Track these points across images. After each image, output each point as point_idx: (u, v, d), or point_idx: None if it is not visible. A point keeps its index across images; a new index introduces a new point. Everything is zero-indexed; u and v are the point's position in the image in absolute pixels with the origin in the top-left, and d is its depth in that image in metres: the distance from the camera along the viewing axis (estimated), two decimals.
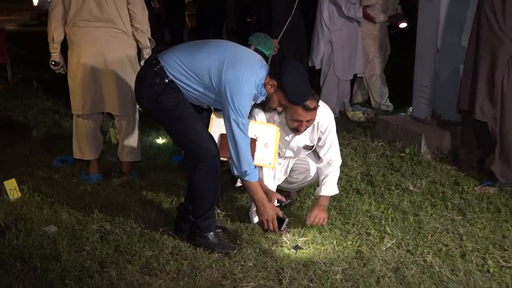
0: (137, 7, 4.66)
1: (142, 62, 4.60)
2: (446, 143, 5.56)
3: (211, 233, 3.76)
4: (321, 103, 4.07)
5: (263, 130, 3.98)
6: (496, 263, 3.63)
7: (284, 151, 4.21)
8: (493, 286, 3.39)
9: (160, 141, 5.92)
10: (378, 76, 7.27)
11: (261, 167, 4.00)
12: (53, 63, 4.82)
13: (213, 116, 3.91)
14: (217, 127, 3.85)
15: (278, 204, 3.99)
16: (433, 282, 3.41)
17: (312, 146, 4.21)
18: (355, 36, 6.98)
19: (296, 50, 6.74)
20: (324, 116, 4.09)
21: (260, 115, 4.05)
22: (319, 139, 4.15)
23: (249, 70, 3.52)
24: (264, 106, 3.80)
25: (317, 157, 4.29)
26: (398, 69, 8.33)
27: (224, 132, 3.67)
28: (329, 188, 4.09)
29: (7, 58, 8.75)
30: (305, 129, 3.98)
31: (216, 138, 3.79)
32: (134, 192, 4.66)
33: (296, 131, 3.98)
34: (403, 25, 7.12)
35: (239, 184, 4.10)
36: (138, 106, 4.79)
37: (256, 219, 4.02)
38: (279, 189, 4.49)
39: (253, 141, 3.82)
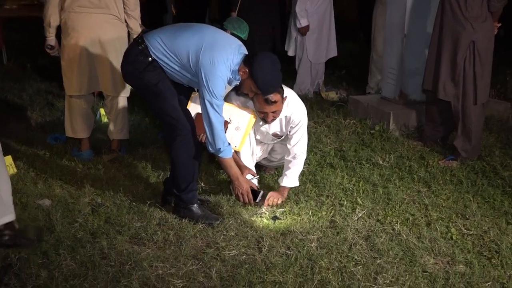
0: None
1: None
2: (413, 121, 5.56)
3: (195, 205, 3.74)
4: (296, 99, 4.06)
5: (238, 114, 3.94)
6: (459, 231, 3.64)
7: (255, 133, 4.18)
8: (456, 251, 3.40)
9: (147, 119, 5.84)
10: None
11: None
12: (49, 46, 4.74)
13: (192, 95, 3.86)
14: (195, 105, 3.80)
15: (251, 178, 3.97)
16: (401, 248, 3.42)
17: (281, 136, 4.16)
18: (327, 22, 6.92)
19: (270, 35, 6.71)
20: (298, 112, 4.04)
21: (238, 100, 4.00)
22: (289, 132, 4.10)
23: (224, 55, 3.47)
24: (237, 90, 3.76)
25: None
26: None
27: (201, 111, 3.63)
28: (291, 179, 4.04)
29: (2, 43, 8.59)
30: (273, 119, 3.92)
31: (194, 116, 3.74)
32: (123, 168, 4.60)
33: (264, 121, 3.95)
34: None
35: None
36: (128, 86, 4.73)
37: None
38: (260, 165, 4.49)
39: (225, 123, 3.78)
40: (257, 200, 3.85)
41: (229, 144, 3.66)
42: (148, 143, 5.18)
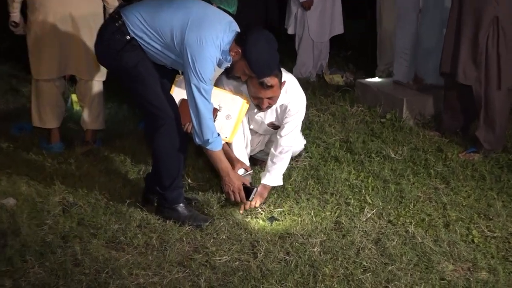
0: None
1: None
2: (429, 108, 5.57)
3: (181, 204, 3.74)
4: (296, 86, 4.05)
5: (229, 100, 3.92)
6: (481, 233, 3.66)
7: (249, 122, 4.17)
8: (478, 256, 3.41)
9: (126, 107, 5.83)
10: None
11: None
12: (13, 24, 4.71)
13: (176, 79, 3.85)
14: (180, 90, 3.79)
15: (244, 173, 3.97)
16: (415, 253, 3.43)
17: (279, 126, 4.16)
18: None
19: (263, 9, 6.71)
20: (296, 101, 4.04)
21: (230, 84, 3.99)
22: (283, 120, 4.09)
23: (214, 33, 3.45)
24: (228, 73, 3.74)
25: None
26: None
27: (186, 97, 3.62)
28: (274, 177, 4.02)
29: None
30: (268, 107, 3.91)
31: (178, 102, 3.74)
32: (99, 162, 4.59)
33: (259, 108, 3.94)
34: None
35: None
36: (104, 69, 4.71)
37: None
38: (254, 159, 4.49)
39: (214, 110, 3.76)
40: (250, 198, 3.85)
41: (218, 134, 3.66)
42: (127, 133, 5.17)
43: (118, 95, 5.80)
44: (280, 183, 4.06)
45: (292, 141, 4.06)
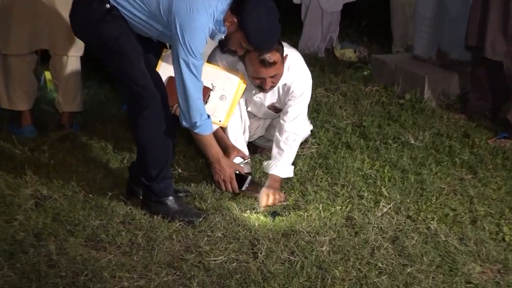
0: None
1: None
2: (454, 87, 5.56)
3: (170, 197, 3.74)
4: (300, 63, 4.04)
5: (223, 79, 3.90)
6: None
7: (247, 104, 4.17)
8: (509, 257, 3.42)
9: (107, 86, 5.82)
10: None
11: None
12: None
13: (163, 53, 3.83)
14: (167, 66, 3.78)
15: (241, 162, 3.98)
16: (438, 253, 3.43)
17: (280, 109, 4.15)
18: None
19: None
20: (300, 81, 4.03)
21: (224, 60, 3.97)
22: (286, 103, 4.08)
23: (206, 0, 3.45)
24: (223, 47, 3.72)
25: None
26: None
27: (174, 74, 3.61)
28: (283, 167, 4.00)
29: None
30: (272, 86, 3.90)
31: (165, 81, 3.72)
32: (76, 149, 4.60)
33: (261, 89, 3.93)
34: None
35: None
36: (81, 43, 4.70)
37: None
38: (254, 145, 4.49)
39: (206, 90, 3.75)
40: (243, 188, 3.85)
41: (208, 116, 3.64)
42: (108, 117, 5.17)
43: (98, 72, 5.79)
44: (291, 174, 4.06)
45: (298, 128, 4.06)
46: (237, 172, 3.85)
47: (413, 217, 3.78)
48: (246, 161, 4.01)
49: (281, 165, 3.99)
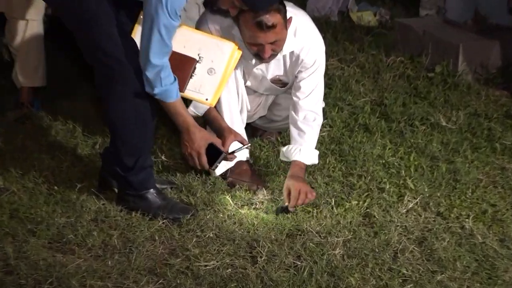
0: None
1: None
2: (494, 58, 5.56)
3: (151, 190, 3.75)
4: (310, 25, 4.04)
5: (213, 48, 3.85)
6: None
7: (245, 78, 4.17)
8: None
9: (76, 56, 5.82)
10: None
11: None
12: None
13: (141, 16, 3.81)
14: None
15: (239, 149, 3.98)
16: (474, 257, 3.45)
17: (286, 83, 4.17)
18: None
19: None
20: (312, 48, 4.02)
21: (215, 23, 3.96)
22: (297, 76, 4.08)
23: None
24: (212, 6, 3.72)
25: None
26: None
27: None
28: (307, 152, 4.00)
29: None
30: (272, 55, 3.87)
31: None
32: (38, 132, 4.61)
33: (260, 58, 3.92)
34: None
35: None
36: (42, 4, 4.70)
37: (218, 172, 4.03)
38: (254, 127, 4.49)
39: (191, 62, 3.72)
40: (214, 167, 3.83)
41: (175, 79, 3.61)
42: (77, 93, 5.17)
43: (65, 39, 5.80)
44: (316, 160, 4.06)
45: (316, 104, 4.06)
46: (214, 146, 3.80)
47: (444, 214, 3.80)
48: (245, 147, 3.99)
49: (305, 150, 3.99)
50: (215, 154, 3.80)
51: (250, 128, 4.44)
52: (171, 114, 3.70)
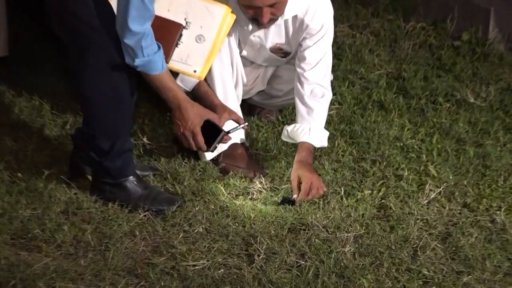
0: None
1: None
2: None
3: (130, 178, 3.76)
4: None
5: (202, 11, 3.82)
6: None
7: (241, 47, 4.17)
8: None
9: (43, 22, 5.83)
10: None
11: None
12: None
13: None
14: None
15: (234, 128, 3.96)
16: (506, 256, 3.46)
17: (289, 53, 4.18)
18: None
19: None
20: (318, 11, 4.02)
21: None
22: (301, 44, 4.09)
23: None
24: None
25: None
26: None
27: None
28: (317, 134, 4.02)
29: None
30: (272, 20, 3.86)
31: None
32: None
33: (258, 23, 3.90)
34: None
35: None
36: None
37: (208, 156, 4.04)
38: (251, 104, 4.49)
39: (176, 27, 3.71)
40: (212, 148, 3.81)
41: (159, 47, 3.59)
42: (44, 66, 5.16)
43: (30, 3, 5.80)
44: (326, 143, 4.08)
45: (323, 77, 4.08)
46: (211, 122, 3.79)
47: (472, 205, 3.81)
48: (241, 126, 3.98)
49: (315, 130, 4.00)
50: (212, 133, 3.78)
51: (247, 105, 4.45)
52: (158, 89, 3.68)
